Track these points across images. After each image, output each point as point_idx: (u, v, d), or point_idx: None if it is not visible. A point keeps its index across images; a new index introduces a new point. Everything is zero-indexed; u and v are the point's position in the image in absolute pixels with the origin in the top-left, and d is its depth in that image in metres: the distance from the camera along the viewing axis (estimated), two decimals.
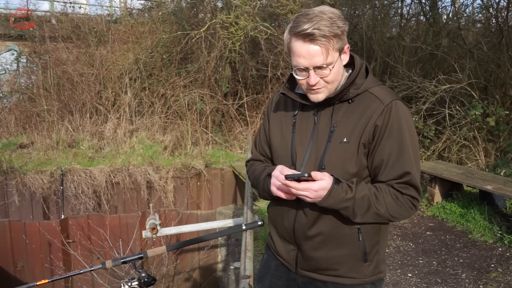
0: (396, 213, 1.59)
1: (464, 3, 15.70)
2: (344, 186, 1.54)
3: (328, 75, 1.57)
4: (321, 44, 1.51)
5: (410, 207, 1.59)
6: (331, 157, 1.61)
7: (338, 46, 1.56)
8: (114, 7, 13.08)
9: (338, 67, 1.59)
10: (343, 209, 1.56)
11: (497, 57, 7.85)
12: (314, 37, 1.50)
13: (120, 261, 2.00)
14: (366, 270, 1.68)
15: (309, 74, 1.57)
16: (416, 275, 4.05)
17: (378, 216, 1.58)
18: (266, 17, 8.81)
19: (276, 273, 1.86)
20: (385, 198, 1.56)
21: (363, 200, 1.55)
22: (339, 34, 1.54)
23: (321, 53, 1.52)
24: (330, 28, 1.50)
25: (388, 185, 1.59)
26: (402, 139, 1.57)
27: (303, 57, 1.54)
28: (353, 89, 1.63)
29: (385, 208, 1.56)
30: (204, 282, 6.34)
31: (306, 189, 1.51)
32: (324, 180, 1.51)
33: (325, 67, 1.55)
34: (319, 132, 1.66)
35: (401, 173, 1.57)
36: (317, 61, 1.53)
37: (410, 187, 1.58)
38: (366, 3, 9.65)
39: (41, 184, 7.30)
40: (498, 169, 6.19)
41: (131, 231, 6.16)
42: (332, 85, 1.61)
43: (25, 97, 10.06)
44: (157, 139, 8.76)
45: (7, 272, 6.04)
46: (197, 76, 9.58)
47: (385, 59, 8.82)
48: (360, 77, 1.65)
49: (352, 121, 1.61)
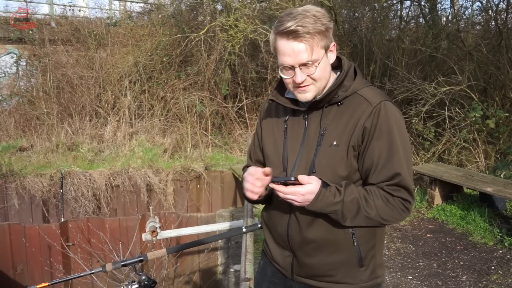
0: (387, 216, 1.56)
1: (463, 5, 15.76)
2: (333, 190, 1.52)
3: (314, 72, 1.55)
4: (305, 41, 1.50)
5: (402, 209, 1.56)
6: (321, 160, 1.59)
7: (323, 43, 1.55)
8: (113, 10, 13.09)
9: (324, 65, 1.57)
10: (332, 213, 1.54)
11: (496, 59, 7.85)
12: (298, 34, 1.49)
13: (120, 264, 2.00)
14: (362, 276, 1.66)
15: (295, 72, 1.55)
16: (416, 278, 4.04)
17: (369, 219, 1.55)
18: (265, 20, 8.81)
19: (273, 279, 1.84)
20: (375, 200, 1.54)
21: (352, 203, 1.53)
22: (324, 31, 1.53)
23: (306, 50, 1.51)
24: (314, 25, 1.50)
25: (379, 187, 1.56)
26: (392, 140, 1.55)
27: (288, 55, 1.53)
28: (342, 91, 1.61)
29: (375, 211, 1.54)
30: (204, 284, 6.33)
31: (293, 193, 1.50)
32: (312, 183, 1.50)
33: (311, 64, 1.53)
34: (310, 136, 1.64)
35: (391, 174, 1.54)
36: (302, 58, 1.52)
37: (401, 189, 1.55)
38: (366, 5, 9.66)
39: (40, 187, 7.29)
40: (498, 171, 6.19)
41: (131, 234, 6.15)
42: (320, 83, 1.59)
43: (24, 100, 10.06)
44: (157, 142, 8.76)
45: (6, 276, 6.03)
46: (197, 79, 9.58)
47: (384, 61, 8.82)
48: (348, 79, 1.63)
49: (341, 124, 1.59)
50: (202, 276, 6.40)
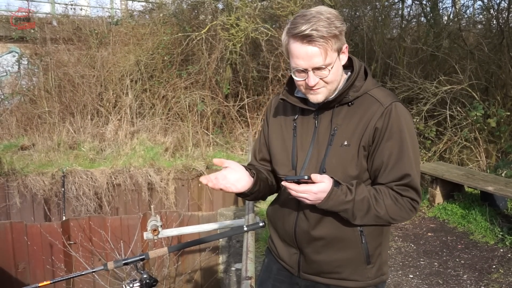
0: (395, 215, 1.58)
1: (465, 4, 15.75)
2: (344, 189, 1.53)
3: (327, 76, 1.56)
4: (319, 45, 1.50)
5: (410, 209, 1.58)
6: (332, 160, 1.60)
7: (337, 47, 1.55)
8: (115, 9, 13.09)
9: (337, 68, 1.58)
10: (343, 211, 1.55)
11: (498, 58, 7.85)
12: (312, 38, 1.49)
13: (122, 262, 2.00)
14: (369, 273, 1.68)
15: (308, 75, 1.55)
16: (417, 276, 4.04)
17: (378, 218, 1.57)
18: (266, 19, 8.81)
19: (278, 277, 1.85)
20: (384, 200, 1.56)
21: (363, 202, 1.54)
22: (337, 34, 1.53)
23: (320, 54, 1.51)
24: (328, 29, 1.49)
25: (388, 187, 1.58)
26: (402, 141, 1.56)
27: (302, 58, 1.53)
28: (353, 92, 1.62)
29: (384, 210, 1.56)
30: (206, 283, 6.34)
31: (306, 191, 1.51)
32: (324, 182, 1.50)
33: (324, 68, 1.54)
34: (320, 136, 1.65)
35: (400, 175, 1.56)
36: (316, 62, 1.52)
37: (409, 189, 1.57)
38: (367, 4, 9.66)
39: (42, 186, 7.30)
40: (499, 170, 6.19)
41: (132, 232, 6.16)
42: (332, 86, 1.60)
43: (26, 99, 10.06)
44: (158, 141, 8.76)
45: (8, 274, 6.04)
46: (198, 78, 9.58)
47: (386, 60, 8.82)
48: (359, 79, 1.64)
49: (352, 124, 1.60)
50: (203, 274, 6.41)
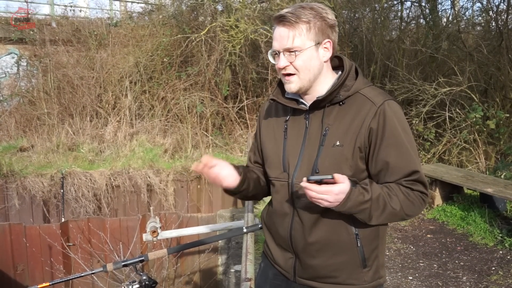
0: (409, 211, 1.57)
1: (464, 6, 15.77)
2: (360, 189, 1.50)
3: (295, 61, 1.55)
4: (291, 26, 1.53)
5: (421, 202, 1.58)
6: (324, 161, 1.58)
7: (313, 36, 1.55)
8: (114, 11, 13.10)
9: (309, 57, 1.56)
10: (360, 212, 1.51)
11: (497, 60, 7.86)
12: (285, 18, 1.53)
13: (121, 264, 2.00)
14: (365, 276, 1.66)
15: (279, 57, 1.57)
16: (416, 278, 4.04)
17: (393, 216, 1.55)
18: (266, 20, 8.82)
19: (275, 281, 1.83)
20: (398, 195, 1.54)
21: (379, 201, 1.51)
22: (317, 23, 1.54)
23: (289, 36, 1.53)
24: (307, 16, 1.52)
25: (398, 183, 1.57)
26: (401, 139, 1.56)
27: (275, 39, 1.57)
28: (343, 91, 1.60)
29: (399, 206, 1.53)
30: (205, 285, 6.33)
31: (327, 192, 1.45)
32: (345, 183, 1.47)
33: (293, 50, 1.54)
34: (311, 136, 1.63)
35: (408, 172, 1.56)
36: (285, 43, 1.54)
37: (418, 184, 1.57)
38: (366, 6, 9.67)
39: (41, 187, 7.29)
40: (498, 171, 6.19)
41: (132, 234, 6.15)
42: (304, 75, 1.58)
43: (25, 101, 10.06)
44: (158, 142, 8.76)
45: (7, 276, 6.03)
46: (197, 79, 9.59)
47: (385, 62, 8.83)
48: (350, 78, 1.63)
49: (344, 123, 1.58)
50: (202, 276, 6.40)
